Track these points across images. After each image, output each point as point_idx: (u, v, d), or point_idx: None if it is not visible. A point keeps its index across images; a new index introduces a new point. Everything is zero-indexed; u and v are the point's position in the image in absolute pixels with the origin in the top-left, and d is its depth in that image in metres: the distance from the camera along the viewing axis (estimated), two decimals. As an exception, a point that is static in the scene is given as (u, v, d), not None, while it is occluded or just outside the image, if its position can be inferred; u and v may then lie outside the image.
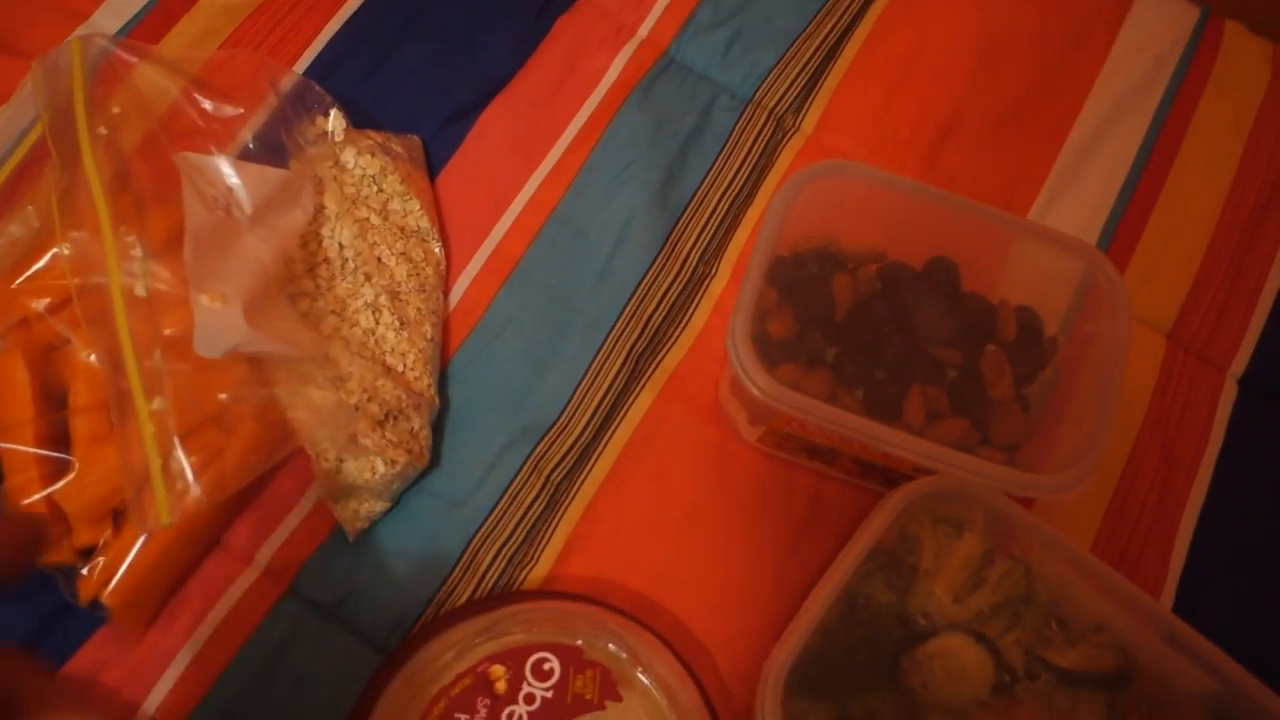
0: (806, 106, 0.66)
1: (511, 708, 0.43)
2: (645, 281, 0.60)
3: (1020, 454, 0.53)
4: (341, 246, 0.55)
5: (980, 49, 0.69)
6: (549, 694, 0.44)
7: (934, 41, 0.69)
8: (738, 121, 0.65)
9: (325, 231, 0.55)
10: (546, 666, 0.45)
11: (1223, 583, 0.57)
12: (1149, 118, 0.68)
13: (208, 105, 0.58)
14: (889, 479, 0.53)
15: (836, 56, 0.68)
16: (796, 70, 0.67)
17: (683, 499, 0.55)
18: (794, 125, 0.66)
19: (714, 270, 0.61)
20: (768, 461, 0.57)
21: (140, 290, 0.46)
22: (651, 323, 0.59)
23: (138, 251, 0.47)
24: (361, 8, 0.65)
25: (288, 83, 0.59)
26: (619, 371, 0.57)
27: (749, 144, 0.64)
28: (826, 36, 0.68)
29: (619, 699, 0.45)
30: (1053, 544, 0.49)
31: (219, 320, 0.47)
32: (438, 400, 0.55)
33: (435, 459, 0.54)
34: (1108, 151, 0.67)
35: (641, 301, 0.60)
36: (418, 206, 0.58)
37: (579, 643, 0.46)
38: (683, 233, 0.61)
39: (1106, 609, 0.50)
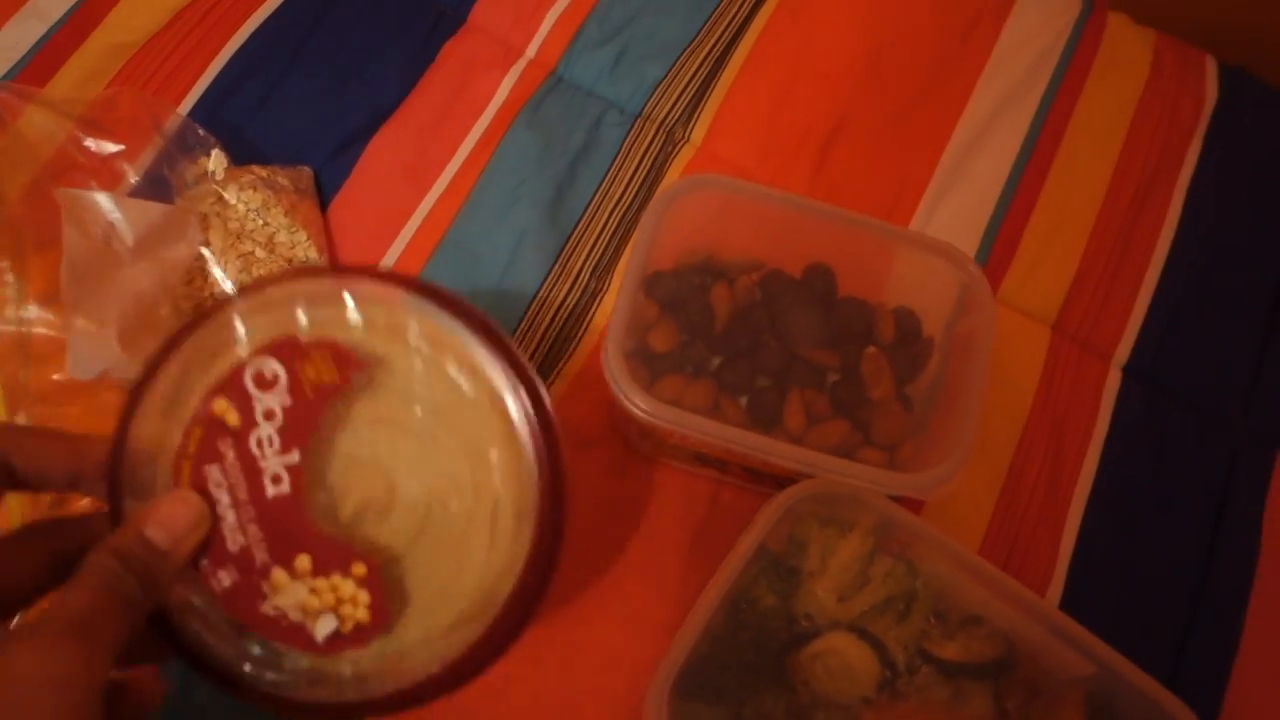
0: (695, 117, 0.67)
1: (255, 433, 0.37)
2: (537, 300, 0.61)
3: (902, 452, 0.55)
4: (227, 281, 0.55)
5: (867, 52, 0.71)
6: (287, 400, 0.38)
7: (821, 46, 0.70)
8: (626, 136, 0.66)
9: (212, 268, 0.56)
10: (268, 374, 0.38)
11: (1111, 565, 0.59)
12: (1032, 111, 0.70)
13: (92, 144, 0.58)
14: (779, 483, 0.55)
15: (724, 66, 0.69)
16: (684, 82, 0.68)
17: (581, 514, 0.56)
18: (684, 137, 0.67)
19: (606, 285, 0.62)
20: (663, 471, 0.58)
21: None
22: (545, 339, 0.60)
23: (10, 278, 0.48)
24: (249, 40, 0.66)
25: (172, 123, 0.59)
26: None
27: (639, 158, 0.65)
28: (713, 47, 0.69)
29: (368, 365, 0.38)
30: (933, 541, 0.51)
31: (91, 344, 0.47)
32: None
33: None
34: (993, 147, 0.68)
35: (535, 319, 0.61)
36: (305, 237, 0.58)
37: (294, 332, 0.38)
38: (574, 249, 0.62)
39: (988, 600, 0.51)
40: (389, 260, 0.61)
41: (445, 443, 0.39)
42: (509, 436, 0.39)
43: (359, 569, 0.37)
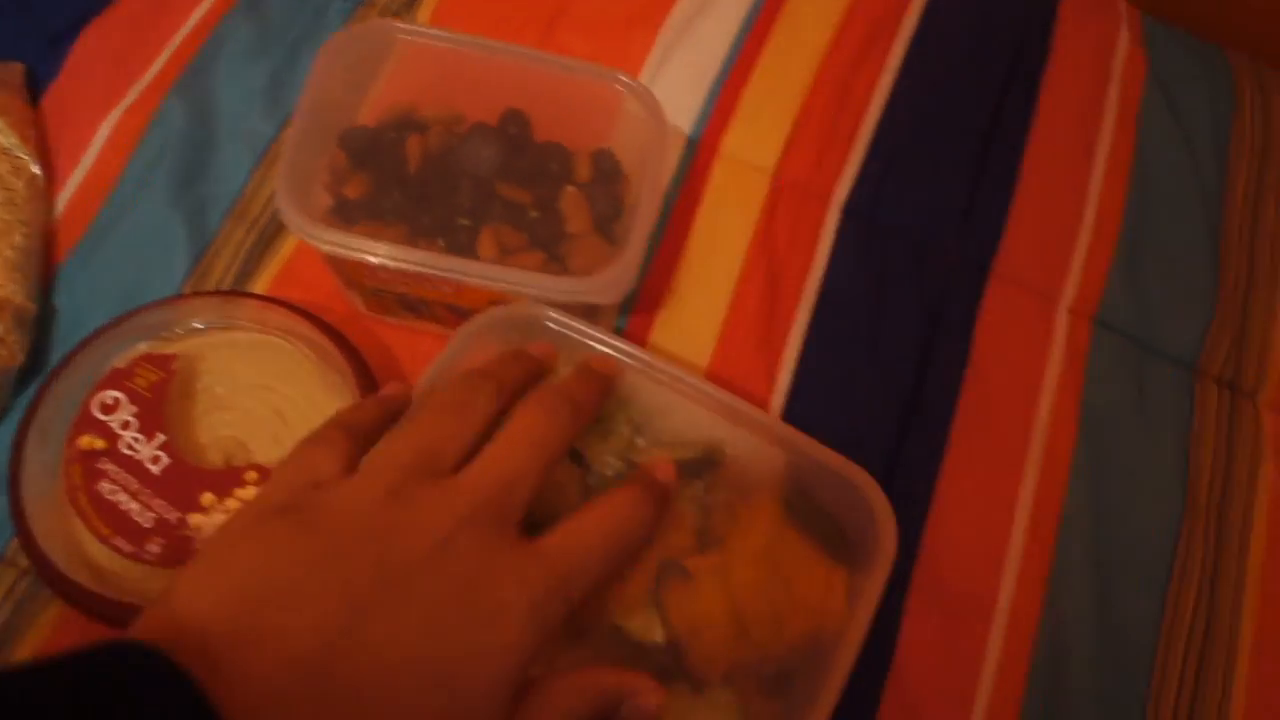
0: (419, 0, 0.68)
1: (121, 443, 0.48)
2: (252, 183, 0.62)
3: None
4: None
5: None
6: (133, 408, 0.49)
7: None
8: (349, 21, 0.67)
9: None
10: (109, 400, 0.49)
11: (830, 386, 0.61)
12: (756, -19, 0.72)
13: None
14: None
15: (448, -53, 0.70)
16: (409, -34, 0.69)
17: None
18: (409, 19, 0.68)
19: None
20: (386, 329, 0.59)
21: None
22: (261, 219, 0.61)
23: None
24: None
25: None
26: (238, 249, 0.59)
27: (361, 39, 0.66)
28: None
29: (173, 358, 0.52)
30: (638, 361, 0.52)
31: None
32: (32, 306, 0.55)
33: (44, 362, 0.55)
34: (717, 12, 0.71)
35: (248, 203, 0.61)
36: (3, 124, 0.58)
37: (114, 364, 0.51)
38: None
39: (695, 414, 0.53)
40: (96, 144, 0.61)
41: (269, 377, 0.54)
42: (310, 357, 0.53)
43: (251, 475, 0.48)
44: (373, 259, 0.50)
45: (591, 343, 0.52)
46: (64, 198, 0.60)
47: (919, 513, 0.58)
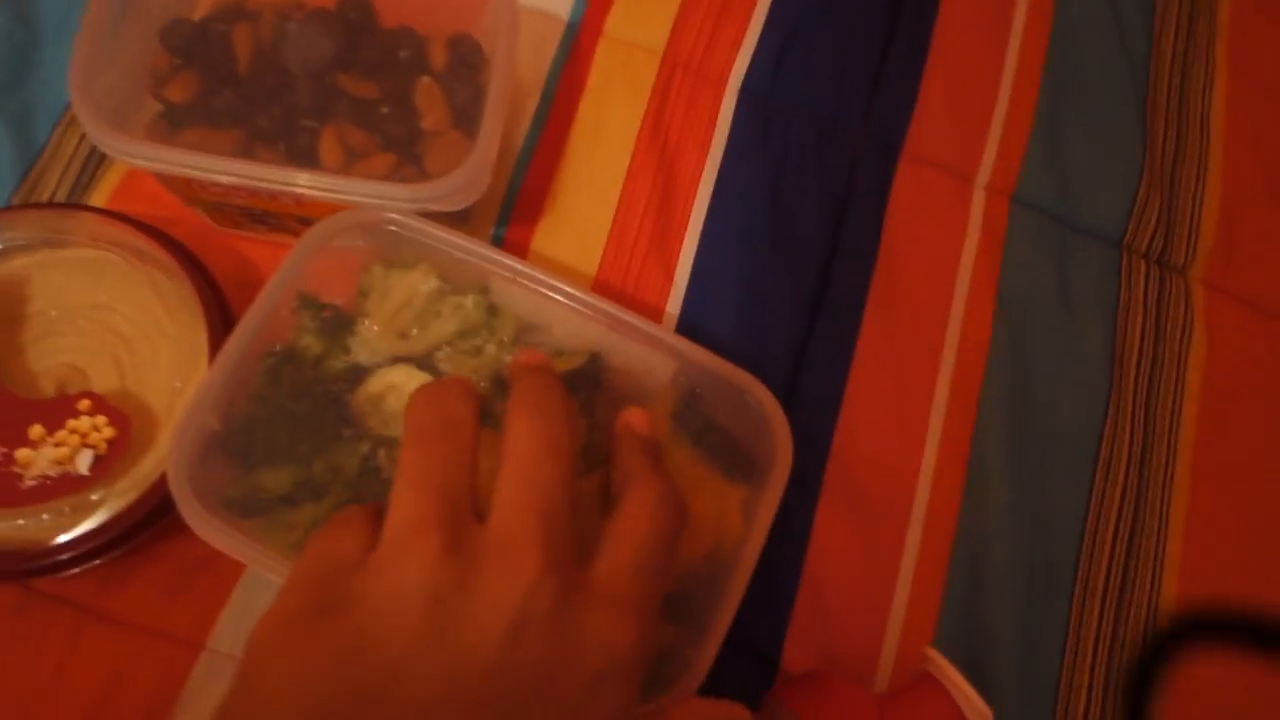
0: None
1: None
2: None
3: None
4: None
5: None
6: None
7: None
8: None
9: None
10: None
11: (730, 281, 0.56)
12: None
13: None
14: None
15: None
16: None
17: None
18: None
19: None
20: (244, 243, 0.53)
21: None
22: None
23: None
24: None
25: None
26: (70, 161, 0.54)
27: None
28: None
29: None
30: (511, 270, 0.47)
31: None
32: None
33: None
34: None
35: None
36: None
37: None
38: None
39: (578, 326, 0.48)
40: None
41: (107, 297, 0.49)
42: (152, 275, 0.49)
43: (84, 404, 0.44)
44: (189, 173, 0.45)
45: (448, 249, 0.47)
46: None
47: (829, 412, 0.54)
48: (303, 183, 0.44)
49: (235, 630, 0.46)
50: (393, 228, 0.46)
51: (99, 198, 0.54)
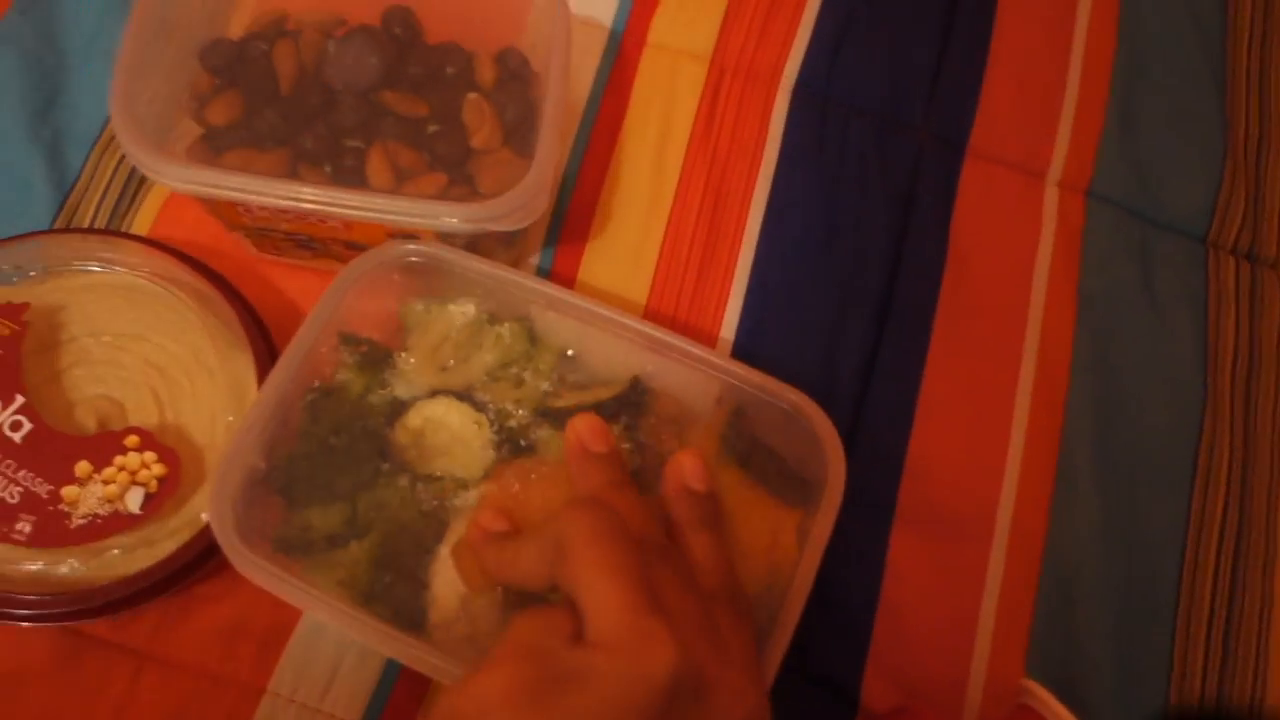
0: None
1: None
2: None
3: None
4: None
5: None
6: None
7: None
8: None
9: None
10: None
11: (792, 290, 0.54)
12: None
13: None
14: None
15: None
16: None
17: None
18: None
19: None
20: (281, 271, 0.52)
21: None
22: (124, 164, 0.54)
23: None
24: None
25: None
26: (107, 188, 0.52)
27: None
28: None
29: (24, 308, 0.45)
30: (552, 299, 0.45)
31: None
32: None
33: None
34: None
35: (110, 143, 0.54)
36: None
37: None
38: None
39: (622, 351, 0.46)
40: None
41: (143, 327, 0.47)
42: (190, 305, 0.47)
43: (132, 440, 0.42)
44: (236, 196, 0.43)
45: (487, 279, 0.45)
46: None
47: (901, 429, 0.51)
48: (354, 204, 0.42)
49: (296, 673, 0.44)
50: (431, 260, 0.45)
51: (139, 224, 0.52)
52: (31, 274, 0.47)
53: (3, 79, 0.54)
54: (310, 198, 0.42)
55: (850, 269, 0.54)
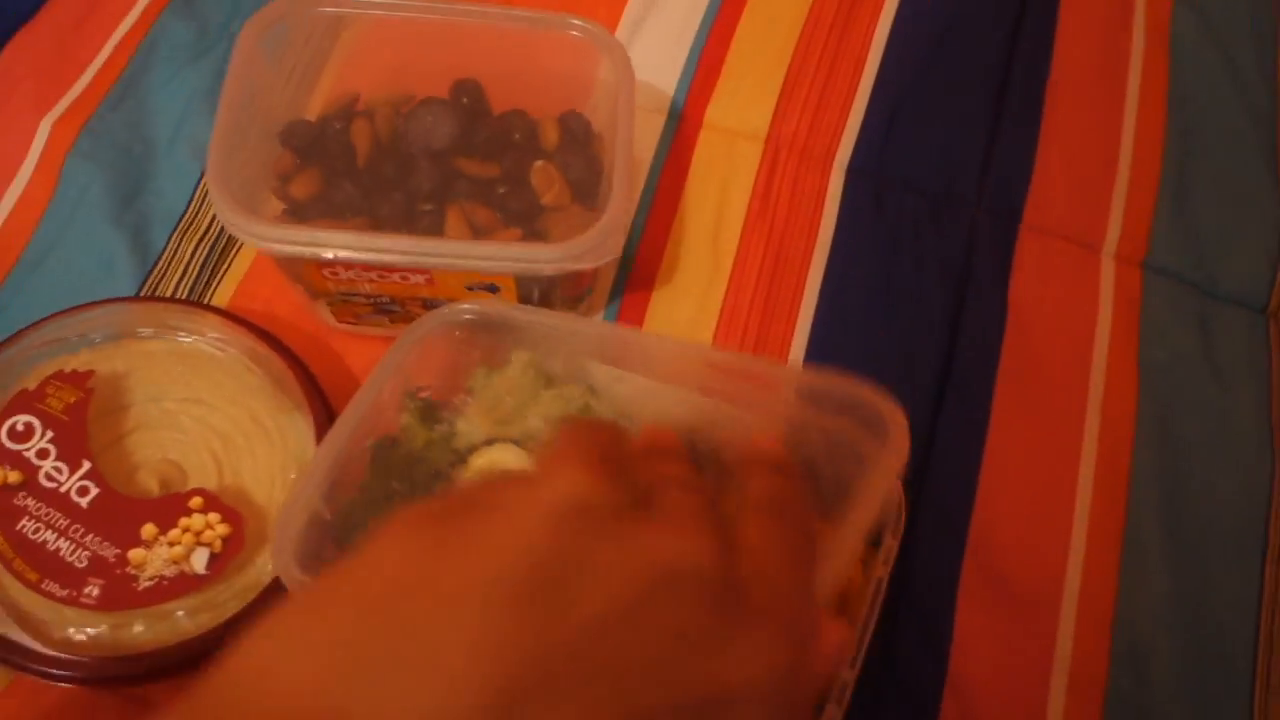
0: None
1: (41, 474, 0.43)
2: (201, 191, 0.56)
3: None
4: None
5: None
6: (49, 434, 0.44)
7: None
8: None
9: None
10: (20, 426, 0.44)
11: (849, 363, 0.54)
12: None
13: None
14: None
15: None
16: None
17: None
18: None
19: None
20: (355, 347, 0.53)
21: None
22: (212, 229, 0.56)
23: None
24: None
25: None
26: (188, 267, 0.54)
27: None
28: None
29: (89, 375, 0.46)
30: (596, 344, 0.46)
31: None
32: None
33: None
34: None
35: (200, 208, 0.56)
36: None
37: (23, 385, 0.45)
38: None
39: (680, 400, 0.46)
40: (29, 163, 0.56)
41: (203, 392, 0.48)
42: (250, 369, 0.49)
43: (196, 501, 0.43)
44: (326, 253, 0.45)
45: (550, 334, 0.46)
46: None
47: (963, 499, 0.51)
48: (440, 253, 0.44)
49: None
50: (494, 316, 0.45)
51: (217, 301, 0.54)
52: (96, 341, 0.49)
53: (95, 170, 0.56)
54: (400, 248, 0.43)
55: (908, 340, 0.54)
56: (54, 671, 0.41)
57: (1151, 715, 0.46)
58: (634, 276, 0.55)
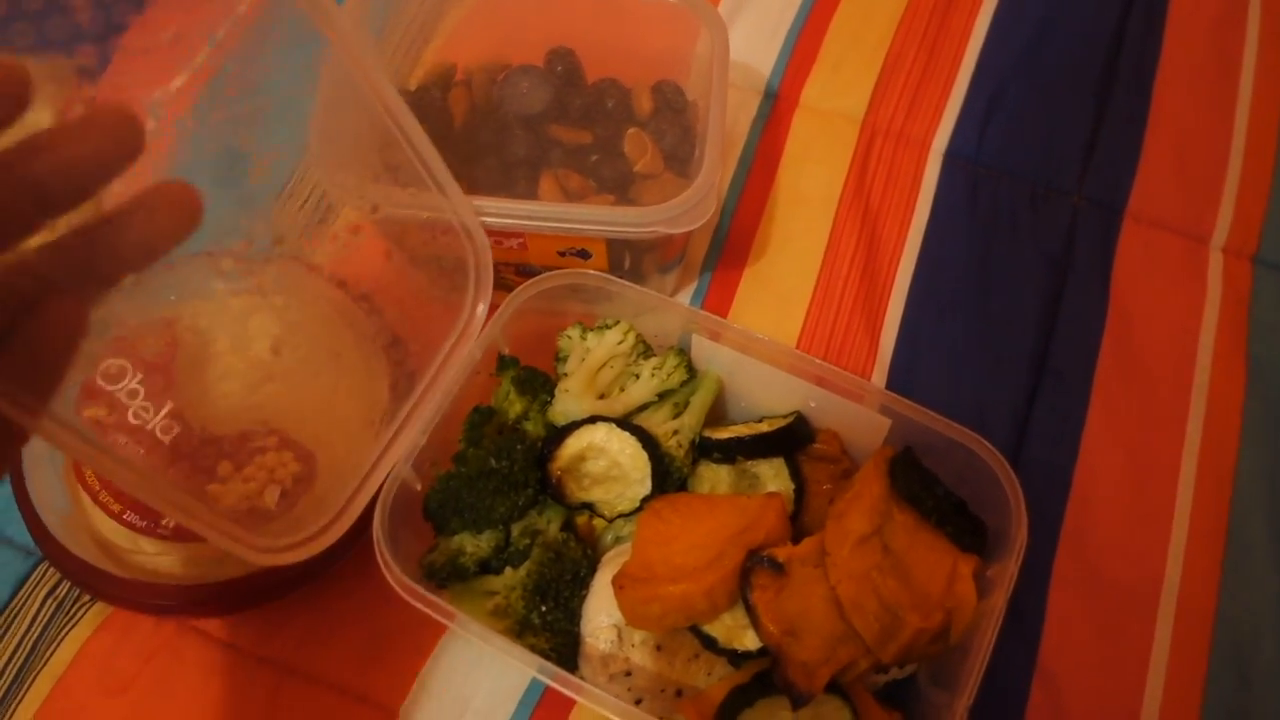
0: None
1: (129, 413, 0.43)
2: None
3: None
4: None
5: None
6: (138, 375, 0.43)
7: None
8: None
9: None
10: (114, 369, 0.43)
11: (940, 348, 0.53)
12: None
13: None
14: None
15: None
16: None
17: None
18: None
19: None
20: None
21: None
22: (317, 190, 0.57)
23: None
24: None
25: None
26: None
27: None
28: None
29: (176, 321, 0.46)
30: (709, 328, 0.46)
31: None
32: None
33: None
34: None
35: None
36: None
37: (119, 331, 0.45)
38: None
39: (783, 384, 0.46)
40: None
41: (287, 341, 0.48)
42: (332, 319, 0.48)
43: (271, 440, 0.43)
44: (424, 214, 0.45)
45: (648, 307, 0.46)
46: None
47: (1058, 490, 0.49)
48: (533, 215, 0.44)
49: (426, 699, 0.44)
50: (591, 287, 0.45)
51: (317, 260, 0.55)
52: (189, 293, 0.50)
53: (204, 137, 0.58)
54: (490, 210, 0.43)
55: (1003, 328, 0.53)
56: (130, 597, 0.42)
57: (1252, 717, 0.44)
58: (727, 250, 0.55)
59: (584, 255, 0.48)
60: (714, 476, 0.46)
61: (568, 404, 0.46)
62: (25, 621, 0.46)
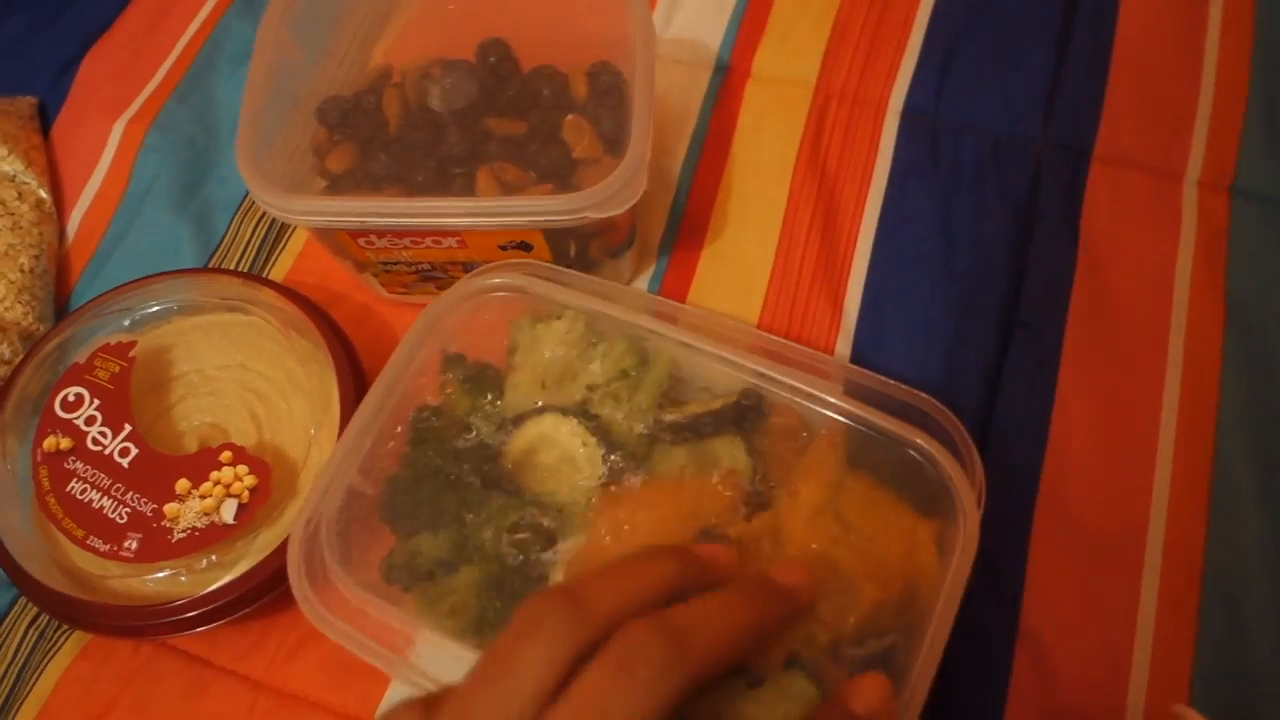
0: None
1: (88, 438, 0.45)
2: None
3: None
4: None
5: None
6: (96, 401, 0.46)
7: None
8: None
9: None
10: (71, 397, 0.46)
11: (906, 308, 0.52)
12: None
13: None
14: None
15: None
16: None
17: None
18: None
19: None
20: (410, 312, 0.54)
21: None
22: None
23: None
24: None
25: None
26: (246, 248, 0.57)
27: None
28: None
29: (131, 345, 0.48)
30: (660, 313, 0.45)
31: None
32: (42, 327, 0.54)
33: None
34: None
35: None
36: (5, 151, 0.57)
37: (76, 360, 0.48)
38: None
39: (732, 358, 0.45)
40: (104, 161, 0.59)
41: (243, 356, 0.50)
42: (281, 331, 0.49)
43: (225, 455, 0.45)
44: (354, 223, 0.45)
45: (595, 295, 0.45)
46: (75, 220, 0.59)
47: (1033, 445, 0.48)
48: (461, 211, 0.44)
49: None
50: (538, 278, 0.45)
51: (274, 277, 0.55)
52: (143, 316, 0.51)
53: (162, 162, 0.59)
54: (419, 210, 0.43)
55: (970, 283, 0.52)
56: (103, 622, 0.42)
57: (1245, 665, 0.42)
58: (684, 230, 0.54)
59: (525, 247, 0.48)
60: (670, 458, 0.45)
61: (518, 396, 0.45)
62: (9, 652, 0.47)
